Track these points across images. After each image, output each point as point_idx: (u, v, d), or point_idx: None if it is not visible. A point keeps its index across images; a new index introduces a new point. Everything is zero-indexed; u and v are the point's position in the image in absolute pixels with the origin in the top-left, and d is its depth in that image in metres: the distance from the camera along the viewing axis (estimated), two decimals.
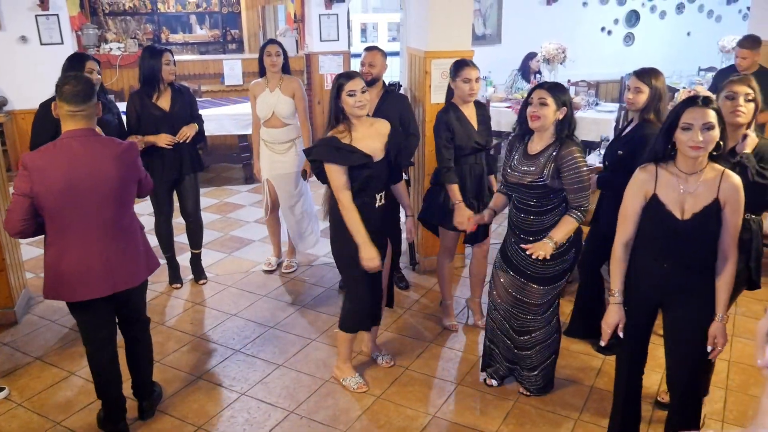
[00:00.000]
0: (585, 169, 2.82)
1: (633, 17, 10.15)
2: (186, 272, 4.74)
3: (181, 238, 4.73)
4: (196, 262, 4.71)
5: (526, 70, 7.57)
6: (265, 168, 4.61)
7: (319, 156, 3.08)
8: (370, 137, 3.15)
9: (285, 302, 4.41)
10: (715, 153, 2.39)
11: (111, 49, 7.93)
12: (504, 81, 7.72)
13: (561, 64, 7.41)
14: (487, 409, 3.27)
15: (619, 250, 2.62)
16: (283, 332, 4.02)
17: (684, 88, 5.19)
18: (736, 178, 2.40)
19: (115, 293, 2.80)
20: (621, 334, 2.62)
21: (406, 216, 3.53)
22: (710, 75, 8.59)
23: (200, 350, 3.83)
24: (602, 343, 2.67)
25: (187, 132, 4.17)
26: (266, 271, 4.86)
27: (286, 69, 4.47)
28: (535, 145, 2.92)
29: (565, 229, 2.88)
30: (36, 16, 6.76)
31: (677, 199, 2.43)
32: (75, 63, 3.74)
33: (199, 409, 3.27)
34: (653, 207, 2.48)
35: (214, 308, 4.34)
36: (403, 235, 4.82)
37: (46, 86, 4.45)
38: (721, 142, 2.37)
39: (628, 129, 3.41)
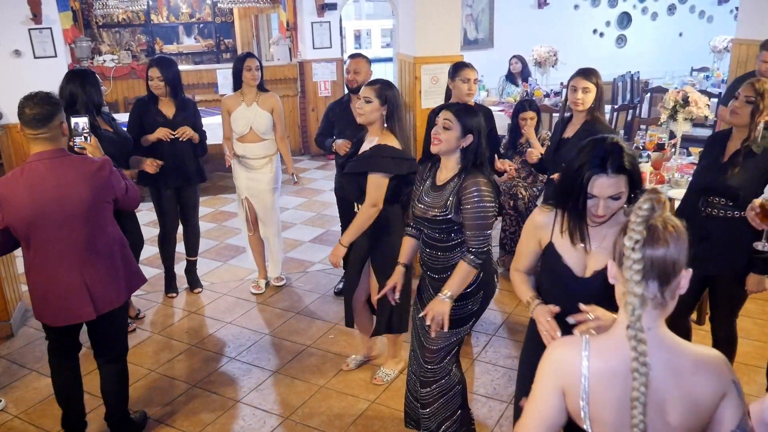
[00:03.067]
0: (490, 205, 2.50)
1: (624, 19, 10.22)
2: (181, 281, 4.75)
3: (177, 247, 4.74)
4: (191, 270, 4.72)
5: (510, 75, 7.67)
6: (241, 187, 4.53)
7: (387, 169, 3.10)
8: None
9: (280, 309, 4.42)
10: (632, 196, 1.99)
11: (105, 61, 7.95)
12: (497, 85, 7.81)
13: (553, 66, 7.47)
14: (481, 411, 3.29)
15: (514, 274, 2.30)
16: (278, 339, 4.04)
17: (675, 88, 5.19)
18: None
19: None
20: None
21: None
22: (702, 75, 8.64)
23: (196, 358, 3.84)
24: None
25: (187, 131, 4.15)
26: (255, 294, 4.66)
27: (260, 86, 4.39)
28: (442, 175, 2.63)
29: (459, 278, 2.56)
30: (29, 29, 6.80)
31: (578, 254, 2.06)
32: (92, 79, 3.68)
33: (194, 417, 3.29)
34: (549, 257, 2.14)
35: (209, 316, 4.36)
36: None
37: None
38: (634, 195, 1.96)
39: (577, 130, 3.44)
